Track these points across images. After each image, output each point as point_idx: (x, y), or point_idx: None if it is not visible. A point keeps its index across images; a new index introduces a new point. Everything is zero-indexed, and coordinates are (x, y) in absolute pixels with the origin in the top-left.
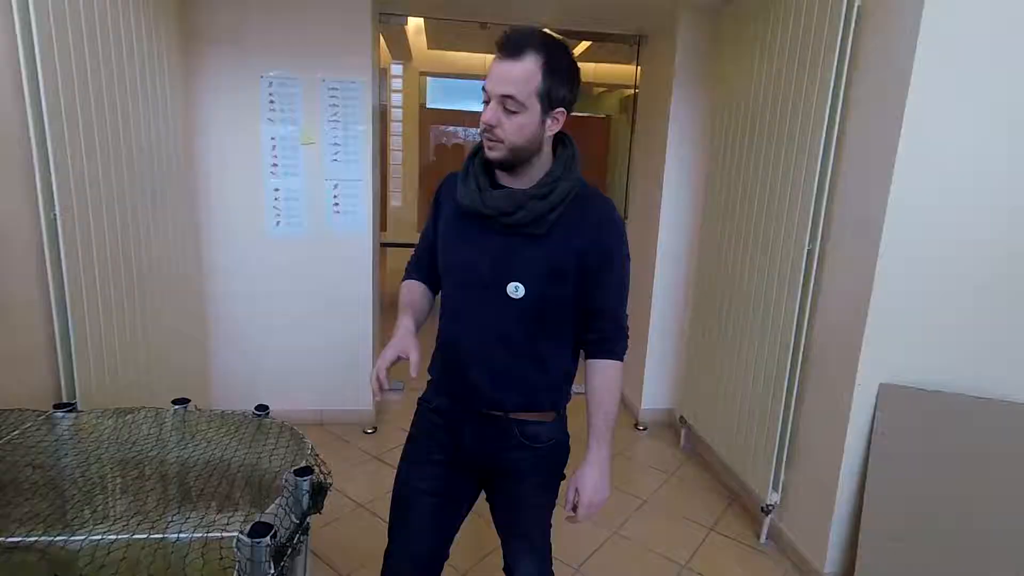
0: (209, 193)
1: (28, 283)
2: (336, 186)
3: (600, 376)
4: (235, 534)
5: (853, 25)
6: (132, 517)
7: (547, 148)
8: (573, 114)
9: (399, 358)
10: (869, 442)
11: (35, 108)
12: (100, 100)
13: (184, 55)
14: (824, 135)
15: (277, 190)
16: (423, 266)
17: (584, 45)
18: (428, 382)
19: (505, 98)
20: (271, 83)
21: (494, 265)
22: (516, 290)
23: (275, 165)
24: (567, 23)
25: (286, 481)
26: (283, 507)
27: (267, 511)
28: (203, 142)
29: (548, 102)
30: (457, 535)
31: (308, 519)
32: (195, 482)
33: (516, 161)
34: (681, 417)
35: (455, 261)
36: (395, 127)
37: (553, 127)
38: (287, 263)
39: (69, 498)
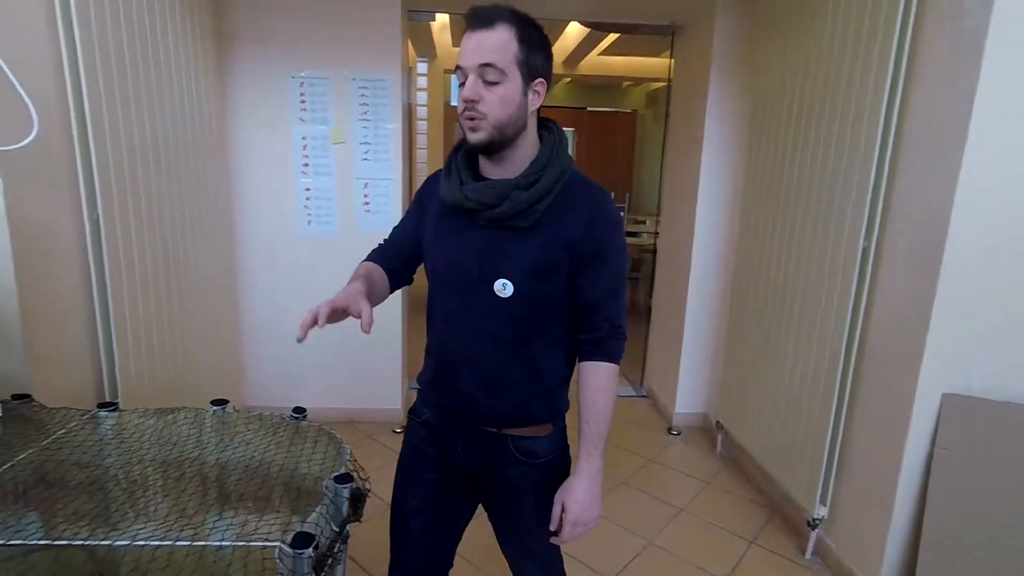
0: (242, 193)
1: (72, 283)
2: (366, 185)
3: (593, 379)
4: (277, 543)
5: None
6: (175, 521)
7: (532, 132)
8: (597, 110)
9: (346, 313)
10: (930, 455)
11: (79, 113)
12: (139, 102)
13: (218, 56)
14: (883, 119)
15: (308, 189)
16: (387, 255)
17: (611, 38)
18: (417, 393)
19: (484, 68)
20: (302, 83)
21: (480, 262)
22: (504, 288)
23: (306, 164)
24: (597, 15)
25: (326, 488)
26: (323, 515)
27: (308, 520)
28: (236, 142)
29: (528, 71)
30: (462, 540)
31: (348, 527)
32: (234, 484)
33: (502, 141)
34: (717, 422)
35: (440, 261)
36: (420, 126)
37: (535, 101)
38: (317, 262)
39: (113, 497)
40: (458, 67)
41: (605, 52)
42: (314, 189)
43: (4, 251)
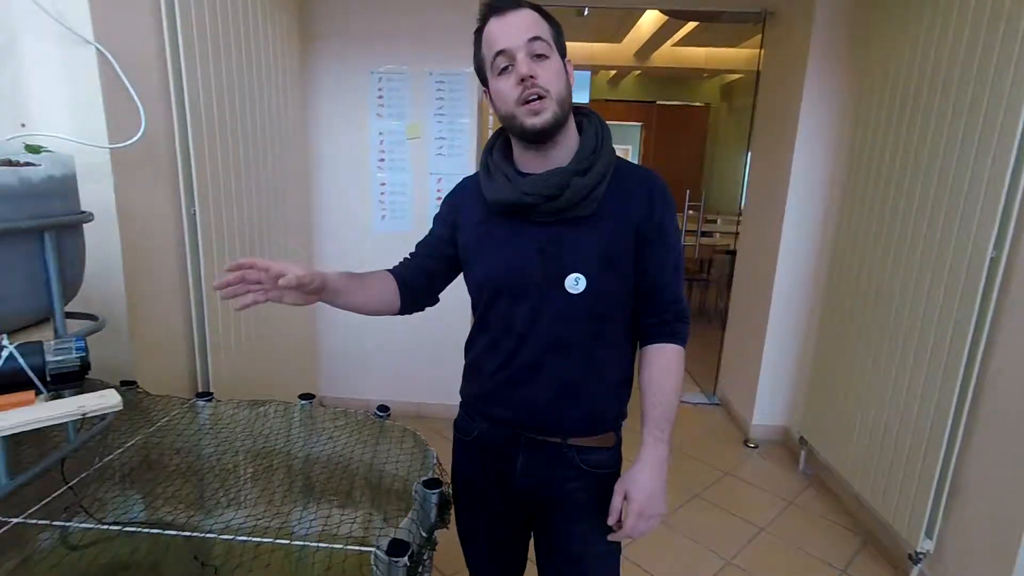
0: (320, 188)
1: (171, 274)
2: (440, 180)
3: (660, 360)
4: (372, 549)
5: None
6: (264, 510)
7: (571, 118)
8: (667, 103)
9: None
10: None
11: (180, 111)
12: (232, 100)
13: (302, 54)
14: None
15: (383, 184)
16: (410, 269)
17: (687, 28)
18: (461, 408)
19: (533, 42)
20: (380, 78)
21: (545, 260)
22: (577, 283)
23: (382, 160)
24: (678, 2)
25: (415, 492)
26: (414, 520)
27: (401, 526)
28: (316, 137)
29: (560, 48)
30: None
31: (435, 534)
32: (318, 478)
33: (563, 120)
34: (801, 437)
35: (494, 268)
36: (489, 120)
37: (570, 80)
38: (391, 257)
39: (207, 483)
40: (500, 52)
41: (679, 43)
42: (389, 184)
43: (114, 244)
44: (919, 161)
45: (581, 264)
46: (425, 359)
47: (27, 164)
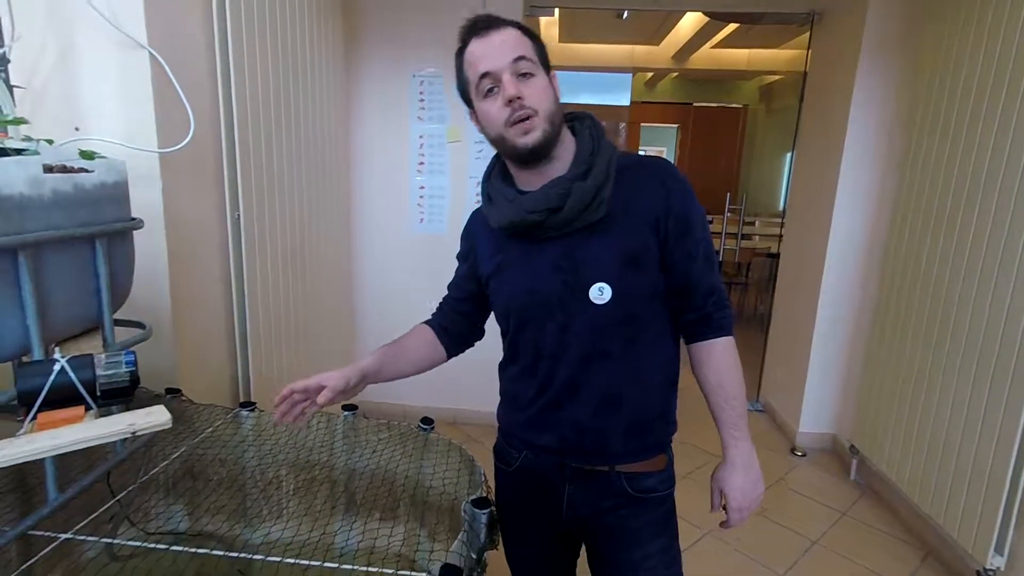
0: (360, 190)
1: (214, 280)
2: (479, 184)
3: (716, 357)
4: (423, 575)
5: None
6: (306, 524)
7: (564, 127)
8: (704, 105)
9: (320, 388)
10: None
11: (227, 120)
12: (278, 105)
13: (346, 58)
14: None
15: (422, 188)
16: (446, 313)
17: (727, 30)
18: (500, 434)
19: (518, 61)
20: (422, 81)
21: (564, 274)
22: (602, 292)
23: (421, 163)
24: (718, 4)
25: (464, 512)
26: (464, 542)
27: (452, 549)
28: (357, 141)
29: (544, 64)
30: None
31: (485, 555)
32: (362, 492)
33: (554, 137)
34: (852, 446)
35: (516, 291)
36: None
37: (558, 93)
38: (428, 261)
39: (249, 494)
40: (485, 74)
41: (718, 45)
42: (428, 187)
43: (160, 249)
44: (980, 164)
45: (602, 272)
46: (464, 365)
47: (81, 170)
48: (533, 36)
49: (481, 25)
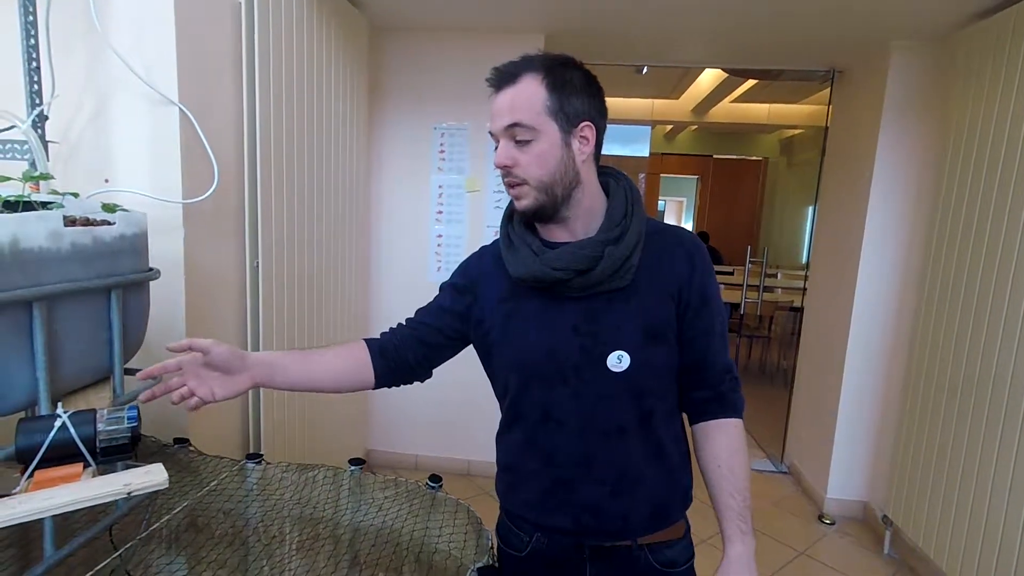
0: (379, 238)
1: (231, 328)
2: (496, 233)
3: (724, 439)
4: None
5: None
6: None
7: (592, 184)
8: (724, 157)
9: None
10: None
11: (251, 171)
12: (301, 157)
13: (369, 110)
14: None
15: (440, 236)
16: (404, 333)
17: (746, 85)
18: (505, 516)
19: (512, 128)
20: (443, 133)
21: (582, 339)
22: (620, 360)
23: (440, 212)
24: (737, 61)
25: None
26: None
27: None
28: (377, 190)
29: (565, 118)
30: None
31: None
32: (364, 549)
33: (553, 203)
34: (885, 516)
35: (525, 351)
36: None
37: (584, 148)
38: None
39: (251, 549)
40: (489, 132)
41: (739, 99)
42: (445, 236)
43: (178, 296)
44: (1014, 225)
45: (623, 341)
46: (476, 414)
47: (104, 222)
48: (560, 83)
49: (497, 78)
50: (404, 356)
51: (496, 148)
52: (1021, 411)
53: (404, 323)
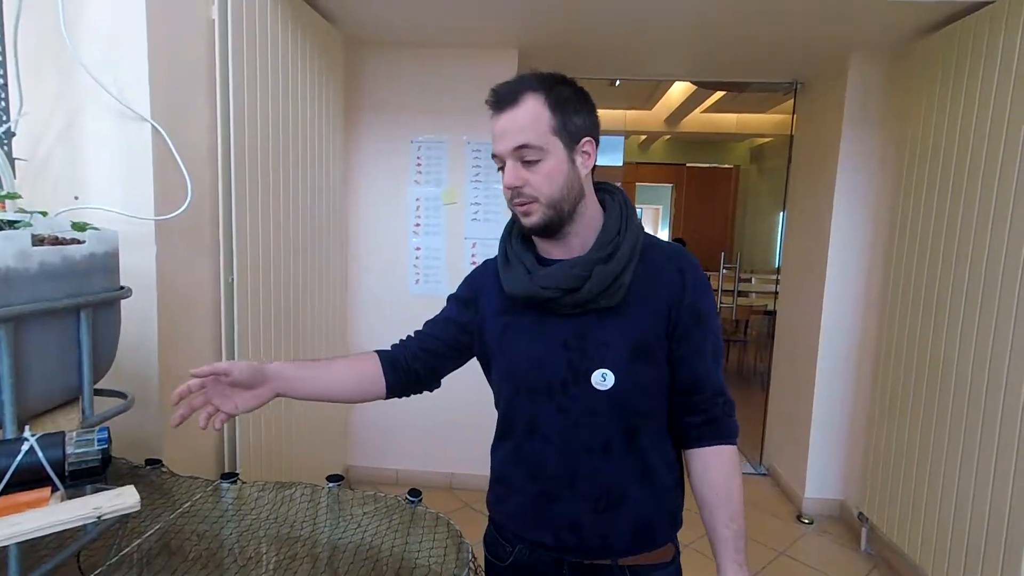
0: (357, 252)
1: (205, 346)
2: (475, 245)
3: (719, 465)
4: None
5: None
6: None
7: (591, 199)
8: (697, 165)
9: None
10: None
11: (225, 186)
12: (277, 174)
13: (346, 126)
14: None
15: (418, 248)
16: (412, 345)
17: (716, 96)
18: (491, 524)
19: (520, 150)
20: (420, 146)
21: (571, 354)
22: (604, 379)
23: (418, 224)
24: (705, 74)
25: None
26: None
27: None
28: (355, 203)
29: (568, 136)
30: None
31: None
32: (343, 566)
33: (562, 218)
34: (861, 514)
35: (516, 362)
36: None
37: (587, 163)
38: (422, 323)
39: (227, 571)
40: (494, 155)
41: (709, 109)
42: (424, 248)
43: (151, 314)
44: (968, 225)
45: (609, 359)
46: (457, 427)
47: (73, 241)
48: (556, 103)
49: (497, 101)
50: (414, 367)
51: (500, 169)
52: (982, 408)
53: (413, 335)
